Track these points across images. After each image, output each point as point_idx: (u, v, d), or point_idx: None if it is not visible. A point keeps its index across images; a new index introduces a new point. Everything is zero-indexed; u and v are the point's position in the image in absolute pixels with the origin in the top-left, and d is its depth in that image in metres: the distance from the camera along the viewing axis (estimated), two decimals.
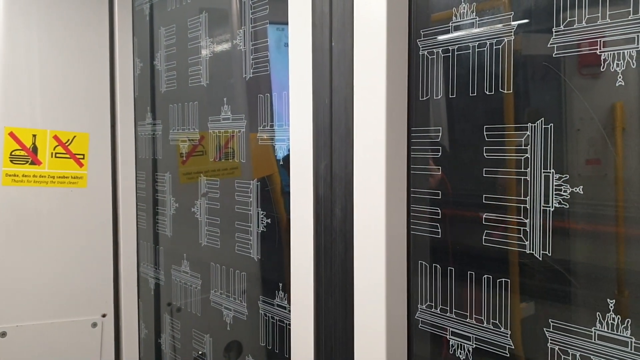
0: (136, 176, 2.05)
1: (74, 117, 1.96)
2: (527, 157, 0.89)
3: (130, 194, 2.05)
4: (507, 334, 0.94)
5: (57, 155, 1.94)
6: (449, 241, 1.04)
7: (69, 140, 1.96)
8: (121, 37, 2.00)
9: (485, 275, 0.97)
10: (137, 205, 2.06)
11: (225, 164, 1.61)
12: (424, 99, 1.04)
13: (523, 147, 0.90)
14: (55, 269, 1.95)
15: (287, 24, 1.22)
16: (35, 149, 1.91)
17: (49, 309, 1.94)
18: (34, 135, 1.90)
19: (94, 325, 2.01)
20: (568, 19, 0.84)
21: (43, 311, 1.93)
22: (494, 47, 0.93)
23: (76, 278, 1.98)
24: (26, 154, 1.89)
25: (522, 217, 0.90)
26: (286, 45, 1.24)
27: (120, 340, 2.06)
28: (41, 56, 1.90)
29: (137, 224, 2.07)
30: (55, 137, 1.93)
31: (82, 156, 1.98)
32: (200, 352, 1.76)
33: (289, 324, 1.30)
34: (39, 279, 1.92)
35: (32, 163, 1.91)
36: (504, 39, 0.92)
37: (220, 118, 1.59)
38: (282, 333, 1.42)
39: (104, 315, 2.03)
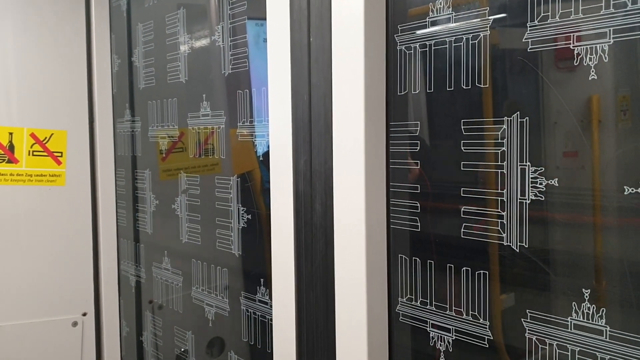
0: (115, 173, 2.04)
1: (51, 115, 1.94)
2: (504, 151, 0.90)
3: (110, 192, 2.03)
4: (486, 325, 0.95)
5: (35, 153, 1.92)
6: (428, 234, 1.05)
7: (46, 138, 1.93)
8: (98, 33, 1.98)
9: (464, 268, 0.98)
10: (116, 202, 2.04)
11: (205, 160, 1.60)
12: (402, 93, 1.05)
13: (500, 141, 0.91)
14: (34, 268, 1.93)
15: (265, 19, 1.22)
16: (12, 147, 1.88)
17: (29, 309, 1.92)
18: (11, 134, 1.88)
19: (75, 324, 1.99)
20: (542, 14, 0.85)
21: (22, 311, 1.91)
22: (471, 42, 0.94)
23: (56, 277, 1.96)
24: (2, 153, 1.87)
25: (499, 210, 0.92)
26: (265, 40, 1.23)
27: (101, 339, 2.05)
28: (17, 53, 1.87)
29: (117, 222, 2.05)
30: (33, 135, 1.91)
31: (60, 154, 1.96)
32: (182, 349, 1.76)
33: (271, 319, 1.30)
34: (17, 279, 1.90)
35: (9, 161, 1.88)
36: (480, 34, 0.93)
37: (199, 114, 1.58)
38: (264, 328, 1.42)
39: (84, 314, 2.01)
